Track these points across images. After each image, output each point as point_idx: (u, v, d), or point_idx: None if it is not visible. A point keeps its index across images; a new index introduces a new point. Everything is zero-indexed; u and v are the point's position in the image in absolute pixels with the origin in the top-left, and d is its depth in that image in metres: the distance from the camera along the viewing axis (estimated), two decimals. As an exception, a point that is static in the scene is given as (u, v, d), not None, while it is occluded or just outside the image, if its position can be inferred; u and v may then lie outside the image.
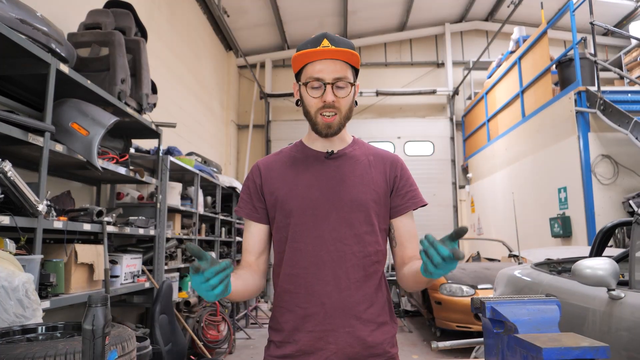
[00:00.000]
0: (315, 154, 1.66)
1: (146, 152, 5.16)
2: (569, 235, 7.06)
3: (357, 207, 1.57)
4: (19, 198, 2.61)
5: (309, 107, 1.57)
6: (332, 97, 1.52)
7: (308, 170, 1.63)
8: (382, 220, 1.62)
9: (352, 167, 1.63)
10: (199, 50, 9.60)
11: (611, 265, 2.39)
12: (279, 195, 1.60)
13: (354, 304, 1.53)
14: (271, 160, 1.71)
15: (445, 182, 12.54)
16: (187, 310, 5.43)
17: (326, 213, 1.56)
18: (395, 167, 1.67)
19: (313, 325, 1.52)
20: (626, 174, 6.62)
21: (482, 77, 12.27)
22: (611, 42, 12.06)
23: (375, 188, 1.61)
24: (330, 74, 1.52)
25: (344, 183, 1.59)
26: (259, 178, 1.66)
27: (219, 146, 10.93)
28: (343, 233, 1.55)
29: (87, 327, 1.19)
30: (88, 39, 4.15)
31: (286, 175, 1.64)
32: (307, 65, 1.56)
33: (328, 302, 1.51)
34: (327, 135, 1.59)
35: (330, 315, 1.51)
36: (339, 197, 1.57)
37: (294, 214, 1.57)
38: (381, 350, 1.54)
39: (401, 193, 1.64)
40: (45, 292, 2.84)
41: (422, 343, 6.78)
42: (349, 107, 1.60)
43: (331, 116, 1.55)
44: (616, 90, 7.30)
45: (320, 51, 1.51)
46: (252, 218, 1.66)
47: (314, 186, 1.59)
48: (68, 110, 3.33)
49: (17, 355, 1.55)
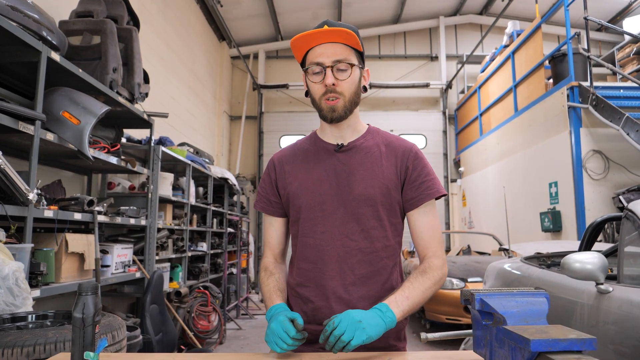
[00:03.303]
0: (325, 147, 1.64)
1: (138, 142, 5.14)
2: (559, 229, 7.11)
3: (365, 202, 1.55)
4: (9, 186, 2.59)
5: (314, 94, 1.56)
6: (332, 79, 1.49)
7: (318, 164, 1.62)
8: (393, 215, 1.59)
9: (362, 160, 1.60)
10: (191, 41, 9.53)
11: (600, 260, 2.41)
12: (290, 191, 1.62)
13: (358, 300, 1.52)
14: (285, 154, 1.72)
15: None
16: (177, 301, 5.43)
17: (334, 208, 1.56)
18: (407, 157, 1.60)
19: (321, 318, 1.52)
20: (617, 169, 6.66)
21: (476, 71, 12.28)
22: (605, 37, 12.10)
23: (385, 181, 1.57)
24: (329, 57, 1.50)
25: (352, 177, 1.57)
26: (273, 172, 1.68)
27: (211, 137, 10.89)
28: (350, 228, 1.54)
29: (77, 315, 1.19)
30: (80, 27, 4.11)
31: (298, 169, 1.64)
32: (308, 52, 1.55)
33: (333, 297, 1.52)
34: (333, 120, 1.56)
35: (335, 310, 1.50)
36: (347, 192, 1.56)
37: (304, 209, 1.58)
38: (385, 344, 1.52)
39: (415, 184, 1.58)
40: (35, 281, 2.83)
41: (412, 335, 6.82)
42: (354, 90, 1.55)
43: (334, 99, 1.52)
44: (609, 85, 7.33)
45: (316, 32, 1.49)
46: (267, 212, 1.69)
47: (323, 181, 1.59)
48: (59, 99, 3.30)
49: (7, 343, 1.55)
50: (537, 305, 1.15)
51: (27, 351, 1.55)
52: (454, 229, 12.36)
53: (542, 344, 0.94)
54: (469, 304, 1.23)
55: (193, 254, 6.59)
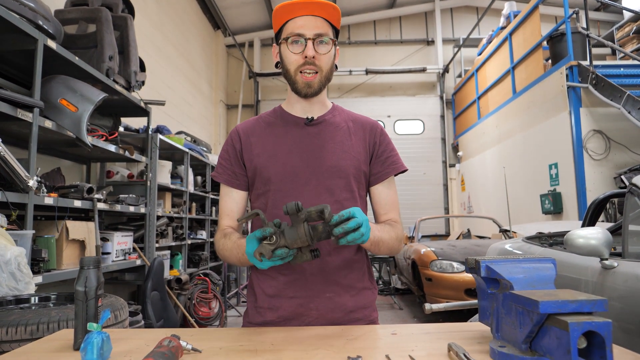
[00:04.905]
0: (294, 120, 1.63)
1: (135, 131, 5.12)
2: (559, 211, 7.11)
3: (337, 174, 1.56)
4: (9, 173, 2.58)
5: (289, 65, 1.54)
6: (313, 52, 1.49)
7: (287, 137, 1.60)
8: (362, 187, 1.62)
9: (332, 133, 1.61)
10: (186, 29, 9.46)
11: (604, 235, 2.37)
12: (258, 162, 1.58)
13: (334, 270, 1.53)
14: (250, 125, 1.67)
15: (436, 160, 12.54)
16: (178, 288, 5.45)
17: (306, 180, 1.54)
18: (374, 133, 1.65)
19: (294, 291, 1.52)
20: (618, 149, 6.64)
21: (473, 54, 12.21)
22: (603, 17, 12.00)
23: (356, 155, 1.59)
24: (311, 30, 1.49)
25: (323, 149, 1.57)
26: (238, 143, 1.62)
27: (208, 126, 10.85)
28: (323, 200, 1.53)
29: (79, 288, 1.18)
30: (75, 16, 4.09)
31: (266, 141, 1.60)
32: (287, 22, 1.53)
33: (309, 269, 1.51)
34: (307, 96, 1.56)
35: (311, 281, 1.52)
36: (318, 164, 1.55)
37: (273, 181, 1.55)
38: (361, 315, 1.56)
39: (381, 159, 1.63)
40: (37, 267, 2.84)
41: (413, 320, 6.85)
42: (330, 67, 1.56)
43: (311, 74, 1.52)
44: (608, 64, 7.27)
45: (302, 3, 1.48)
46: (232, 185, 1.62)
47: (293, 153, 1.57)
48: (56, 87, 3.29)
49: (11, 321, 1.54)
50: (544, 270, 1.14)
51: (30, 329, 1.54)
52: (453, 213, 12.35)
53: (551, 305, 0.93)
54: (474, 272, 1.23)
55: (193, 241, 6.59)
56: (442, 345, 1.18)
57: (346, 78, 12.55)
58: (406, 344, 1.22)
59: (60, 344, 1.25)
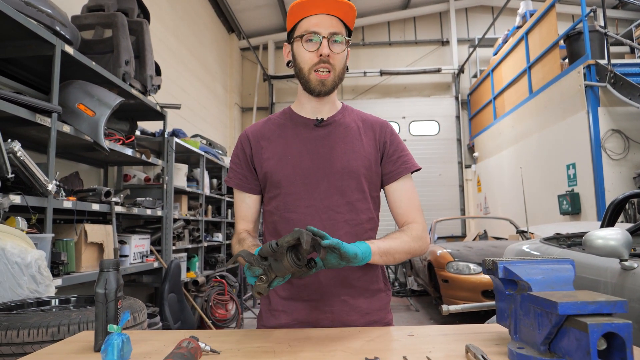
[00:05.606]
0: (304, 121, 1.62)
1: (151, 135, 5.17)
2: (577, 212, 7.02)
3: (348, 175, 1.54)
4: (29, 178, 2.62)
5: (303, 63, 1.53)
6: (328, 50, 1.48)
7: (297, 139, 1.59)
8: (374, 188, 1.61)
9: (342, 134, 1.60)
10: (201, 33, 9.54)
11: (623, 235, 2.33)
12: (268, 166, 1.57)
13: (348, 273, 1.52)
14: (259, 128, 1.66)
15: (451, 161, 12.48)
16: (195, 290, 5.48)
17: (317, 181, 1.53)
18: (384, 132, 1.64)
19: (308, 294, 1.52)
20: (637, 148, 6.54)
21: (488, 54, 12.14)
22: (621, 15, 11.85)
23: (366, 155, 1.58)
24: (326, 28, 1.49)
25: (334, 150, 1.56)
26: (248, 148, 1.62)
27: (223, 129, 10.91)
28: (335, 201, 1.53)
29: (99, 291, 1.20)
30: (91, 22, 4.13)
31: (275, 144, 1.60)
32: (302, 20, 1.52)
33: (322, 271, 1.50)
34: (320, 94, 1.55)
35: (325, 284, 1.51)
36: (329, 165, 1.54)
37: (284, 184, 1.55)
38: (377, 317, 1.56)
39: (392, 159, 1.61)
40: (57, 270, 2.87)
41: (429, 322, 6.82)
42: (343, 67, 1.56)
43: (325, 72, 1.51)
44: (627, 63, 7.17)
45: (319, 0, 1.47)
46: (243, 189, 1.62)
47: (303, 155, 1.56)
48: (74, 92, 3.33)
49: (33, 323, 1.57)
50: (563, 272, 1.13)
51: (51, 331, 1.57)
52: (469, 214, 12.26)
53: (570, 306, 0.92)
54: (492, 274, 1.22)
55: (209, 244, 6.63)
56: (460, 347, 1.18)
57: (361, 79, 12.54)
58: (423, 346, 1.22)
59: (81, 345, 1.26)
